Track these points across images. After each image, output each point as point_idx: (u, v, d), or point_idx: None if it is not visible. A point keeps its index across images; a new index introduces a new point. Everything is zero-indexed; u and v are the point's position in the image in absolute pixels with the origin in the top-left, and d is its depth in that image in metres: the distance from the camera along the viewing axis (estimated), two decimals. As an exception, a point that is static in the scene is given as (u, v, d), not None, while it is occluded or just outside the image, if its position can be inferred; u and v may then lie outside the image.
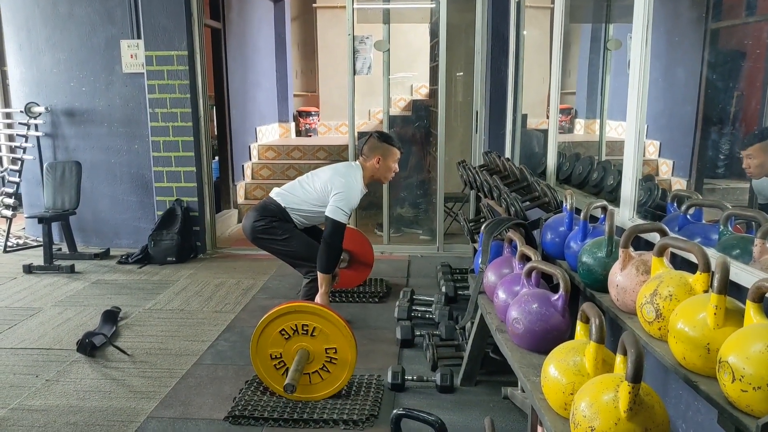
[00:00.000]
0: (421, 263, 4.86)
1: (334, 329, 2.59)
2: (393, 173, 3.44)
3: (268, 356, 2.63)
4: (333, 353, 2.60)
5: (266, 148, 7.28)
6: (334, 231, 3.18)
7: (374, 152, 3.36)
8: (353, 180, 3.30)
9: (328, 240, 3.18)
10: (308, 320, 2.59)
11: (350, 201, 3.24)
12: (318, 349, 2.60)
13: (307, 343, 2.60)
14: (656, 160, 3.92)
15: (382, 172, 3.39)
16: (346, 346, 2.60)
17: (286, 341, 2.61)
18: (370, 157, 3.37)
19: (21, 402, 2.67)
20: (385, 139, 3.42)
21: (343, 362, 2.61)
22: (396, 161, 3.43)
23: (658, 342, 1.68)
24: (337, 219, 3.18)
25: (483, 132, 5.00)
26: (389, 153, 3.38)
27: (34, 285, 4.33)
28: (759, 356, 1.27)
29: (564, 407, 1.55)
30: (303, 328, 2.59)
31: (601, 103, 4.32)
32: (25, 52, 5.32)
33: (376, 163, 3.36)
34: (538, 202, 2.89)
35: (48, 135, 5.31)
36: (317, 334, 2.59)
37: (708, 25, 3.64)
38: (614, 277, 1.94)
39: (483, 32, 4.92)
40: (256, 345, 2.62)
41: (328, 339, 2.59)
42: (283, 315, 2.59)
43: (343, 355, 2.60)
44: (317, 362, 2.61)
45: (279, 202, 3.34)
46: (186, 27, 4.84)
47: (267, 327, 2.60)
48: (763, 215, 2.01)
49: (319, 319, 2.59)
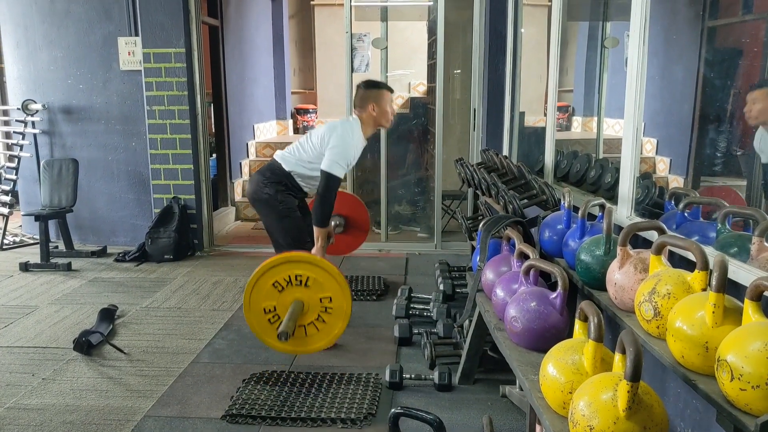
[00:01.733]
0: (419, 261, 4.86)
1: (328, 278, 2.55)
2: (392, 115, 3.40)
3: (262, 310, 2.58)
4: (328, 302, 2.56)
5: (264, 146, 7.26)
6: (329, 184, 3.13)
7: (367, 101, 3.32)
8: (349, 133, 3.24)
9: (322, 193, 3.13)
10: (302, 270, 2.54)
11: (346, 154, 3.19)
12: (313, 299, 2.55)
13: (301, 294, 2.56)
14: (653, 157, 3.92)
15: (380, 118, 3.34)
16: (340, 295, 2.55)
17: (279, 293, 2.56)
18: (364, 107, 3.32)
19: (17, 401, 2.66)
20: (373, 86, 3.37)
21: (338, 311, 2.57)
22: (390, 103, 3.37)
23: (656, 340, 1.67)
24: (332, 172, 3.13)
25: (481, 129, 5.00)
26: (381, 97, 3.33)
27: (31, 283, 4.31)
28: (757, 355, 1.26)
29: (563, 406, 1.54)
30: (297, 279, 2.54)
31: (599, 101, 4.32)
32: (22, 50, 5.30)
33: (372, 111, 3.31)
34: (536, 200, 2.89)
35: (45, 132, 5.29)
36: (311, 284, 2.54)
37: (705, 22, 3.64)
38: (612, 275, 1.93)
39: (481, 30, 4.91)
40: (249, 299, 2.58)
41: (323, 288, 2.55)
42: (276, 266, 2.56)
43: (338, 303, 2.56)
44: (312, 313, 2.57)
45: (284, 167, 3.30)
46: (183, 24, 4.82)
47: (260, 279, 2.56)
48: (761, 213, 2.01)
49: (313, 267, 2.55)
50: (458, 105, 5.58)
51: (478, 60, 4.96)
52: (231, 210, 6.38)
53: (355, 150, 3.28)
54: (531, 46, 4.77)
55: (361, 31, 5.35)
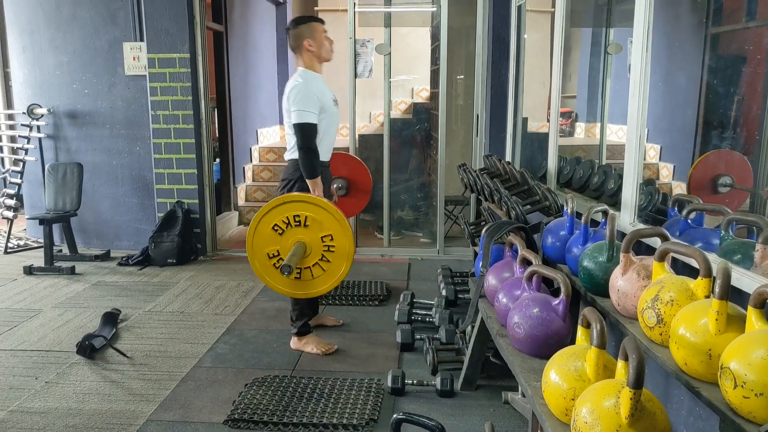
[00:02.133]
0: (422, 266, 4.86)
1: (328, 216, 2.54)
2: (329, 44, 3.25)
3: (266, 255, 2.57)
4: (329, 241, 2.54)
5: (267, 150, 7.28)
6: (304, 135, 3.00)
7: (300, 39, 3.17)
8: (300, 81, 3.09)
9: (302, 146, 3.00)
10: (300, 210, 2.53)
11: (309, 98, 3.03)
12: (314, 239, 2.54)
13: (302, 235, 2.55)
14: (657, 164, 3.91)
15: (319, 51, 3.19)
16: (341, 234, 2.54)
17: (281, 236, 2.55)
18: (300, 46, 3.18)
19: (20, 404, 2.67)
20: (300, 21, 3.24)
21: (341, 251, 2.56)
22: (323, 32, 3.22)
23: (659, 347, 1.67)
24: (301, 121, 2.99)
25: (484, 135, 5.00)
26: (312, 29, 3.19)
27: (35, 286, 4.33)
28: (761, 362, 1.26)
29: (565, 413, 1.54)
30: (296, 220, 2.53)
31: (602, 107, 4.32)
32: (28, 54, 5.33)
33: (309, 47, 3.16)
34: (539, 206, 2.89)
35: (50, 136, 5.32)
36: (311, 224, 2.53)
37: (708, 29, 3.65)
38: (615, 282, 1.93)
39: (484, 36, 4.92)
40: (252, 244, 2.58)
41: (323, 227, 2.53)
42: (275, 207, 2.55)
43: (340, 243, 2.55)
44: (315, 254, 2.56)
45: (292, 159, 3.19)
46: (188, 30, 4.85)
47: (260, 223, 2.56)
48: (765, 220, 2.01)
49: (312, 207, 2.54)
50: (461, 110, 5.59)
51: (482, 66, 4.97)
52: (234, 214, 6.39)
53: (317, 91, 3.10)
54: (534, 52, 4.78)
55: (364, 36, 5.36)
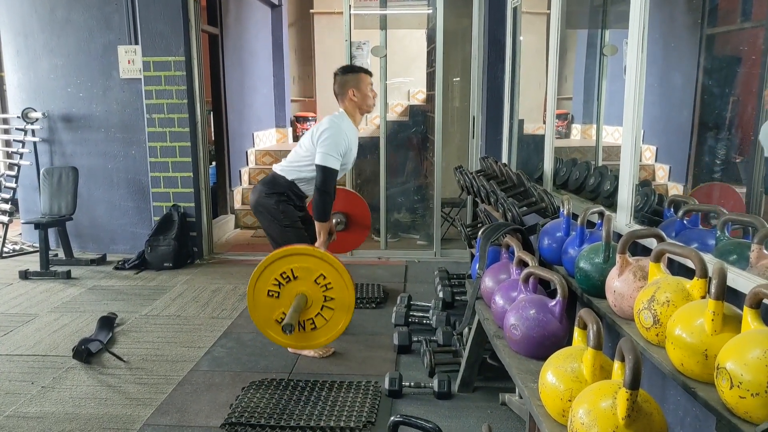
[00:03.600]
0: (419, 269, 4.86)
1: (331, 270, 2.55)
2: (373, 97, 3.36)
3: (266, 306, 2.60)
4: (324, 281, 2.56)
5: (263, 153, 7.27)
6: (325, 177, 3.11)
7: (345, 87, 3.29)
8: (336, 124, 3.21)
9: (320, 187, 3.11)
10: (303, 263, 2.55)
11: (338, 144, 3.16)
12: (316, 292, 2.56)
13: (304, 288, 2.57)
14: (653, 165, 3.92)
15: (361, 102, 3.30)
16: (343, 287, 2.56)
17: (282, 288, 2.57)
18: (344, 93, 3.29)
19: (16, 409, 2.65)
20: (349, 70, 3.35)
21: (341, 304, 2.58)
22: (369, 84, 3.33)
23: (656, 348, 1.67)
24: (326, 165, 3.11)
25: (480, 137, 5.01)
26: (359, 80, 3.30)
27: (31, 291, 4.31)
28: (757, 362, 1.26)
29: (562, 414, 1.54)
30: (284, 277, 2.56)
31: (598, 108, 4.33)
32: (22, 58, 5.32)
33: (353, 96, 3.28)
34: (535, 208, 2.89)
35: (45, 140, 5.30)
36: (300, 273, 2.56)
37: (704, 30, 3.66)
38: (612, 283, 1.93)
39: (479, 38, 4.93)
40: (253, 296, 2.59)
41: (311, 271, 2.56)
42: (277, 260, 2.57)
43: (341, 296, 2.57)
44: (316, 306, 2.57)
45: (287, 177, 3.28)
46: (183, 33, 4.84)
47: (262, 274, 2.57)
48: (760, 220, 2.01)
49: (315, 260, 2.55)
50: (457, 113, 5.60)
51: (477, 68, 4.98)
52: (230, 218, 6.38)
53: (346, 140, 3.23)
54: (530, 54, 4.79)
55: (360, 39, 5.37)
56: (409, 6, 6.33)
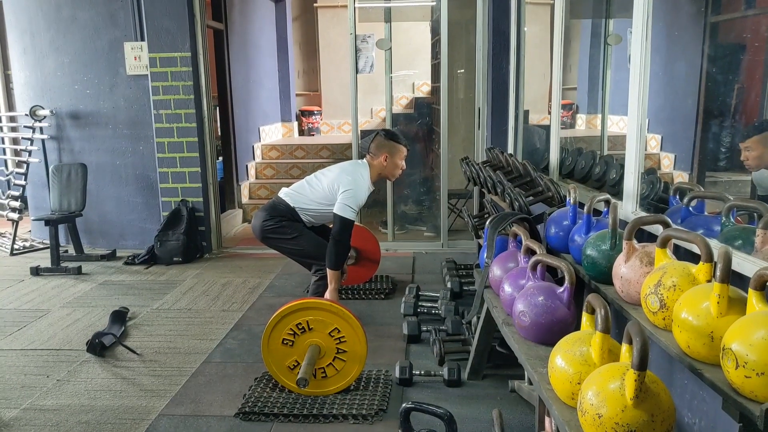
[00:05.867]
0: (426, 260, 4.89)
1: (343, 322, 2.62)
2: (400, 170, 3.48)
3: (287, 368, 2.66)
4: (338, 334, 2.62)
5: (270, 148, 7.31)
6: (342, 228, 3.22)
7: (381, 150, 3.40)
8: (360, 178, 3.33)
9: (336, 237, 3.21)
10: (315, 316, 2.62)
11: (358, 198, 3.27)
12: (325, 339, 2.63)
13: (317, 338, 2.63)
14: (658, 154, 3.93)
15: (389, 170, 3.42)
16: (355, 338, 2.62)
17: (297, 338, 2.64)
18: (377, 155, 3.40)
19: (33, 402, 2.71)
20: (391, 137, 3.45)
21: (353, 354, 2.64)
22: (403, 158, 3.46)
23: (662, 332, 1.70)
24: (346, 216, 3.21)
25: (486, 128, 5.02)
26: (396, 151, 3.41)
27: (42, 287, 4.37)
28: (762, 343, 1.29)
29: (571, 397, 1.57)
30: (299, 328, 2.63)
31: (603, 98, 4.34)
32: (29, 56, 5.36)
33: (384, 161, 3.39)
34: (542, 197, 2.91)
35: (53, 138, 5.35)
36: (314, 326, 2.62)
37: (708, 18, 3.66)
38: (618, 269, 1.96)
39: (484, 29, 4.93)
40: (267, 347, 2.65)
41: (326, 324, 2.61)
42: (290, 314, 2.62)
43: (353, 346, 2.63)
44: (329, 356, 2.64)
45: (288, 202, 3.37)
46: (189, 28, 4.87)
47: (276, 326, 2.63)
48: (765, 206, 2.03)
49: (327, 313, 2.62)
50: (462, 104, 5.61)
51: (482, 59, 4.98)
52: (238, 212, 6.43)
53: (365, 193, 3.35)
54: (534, 45, 4.79)
55: (365, 32, 5.38)
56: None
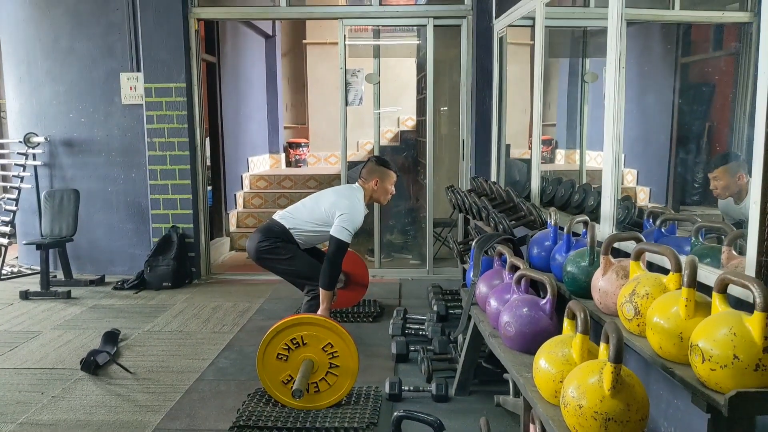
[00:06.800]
0: (412, 286, 5.01)
1: (336, 337, 2.71)
2: (390, 195, 3.65)
3: (281, 383, 2.75)
4: (331, 348, 2.72)
5: (258, 178, 7.44)
6: (337, 250, 3.34)
7: (372, 175, 3.57)
8: (357, 202, 3.48)
9: (331, 258, 3.33)
10: (309, 331, 2.71)
11: (354, 221, 3.41)
12: (318, 354, 2.72)
13: (310, 353, 2.73)
14: (634, 188, 4.13)
15: (379, 194, 3.59)
16: (347, 354, 2.72)
17: (286, 362, 2.74)
18: (368, 179, 3.57)
19: (29, 417, 2.74)
20: (382, 163, 3.63)
21: (345, 369, 2.73)
22: (392, 184, 3.63)
23: (637, 338, 1.84)
24: (342, 238, 3.34)
25: (470, 159, 5.22)
26: (386, 176, 3.58)
27: (32, 310, 4.39)
28: (724, 338, 1.44)
29: (554, 395, 1.69)
30: (293, 342, 2.72)
31: (581, 133, 4.56)
32: (24, 85, 5.47)
33: (375, 185, 3.56)
34: (524, 221, 3.08)
35: (45, 164, 5.43)
36: (309, 341, 2.72)
37: (678, 59, 3.92)
38: (596, 282, 2.11)
39: (468, 66, 5.18)
40: (262, 361, 2.74)
41: (320, 339, 2.71)
42: (285, 329, 2.72)
43: (346, 362, 2.72)
44: (321, 371, 2.73)
45: (283, 224, 3.49)
46: (184, 60, 5.04)
47: (272, 341, 2.73)
48: (730, 227, 2.22)
49: (320, 328, 2.72)
50: (445, 140, 5.81)
51: (466, 93, 5.21)
52: (226, 240, 6.51)
53: (361, 216, 3.49)
54: (515, 83, 5.04)
55: (354, 66, 5.59)
56: (399, 37, 6.63)
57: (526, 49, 5.13)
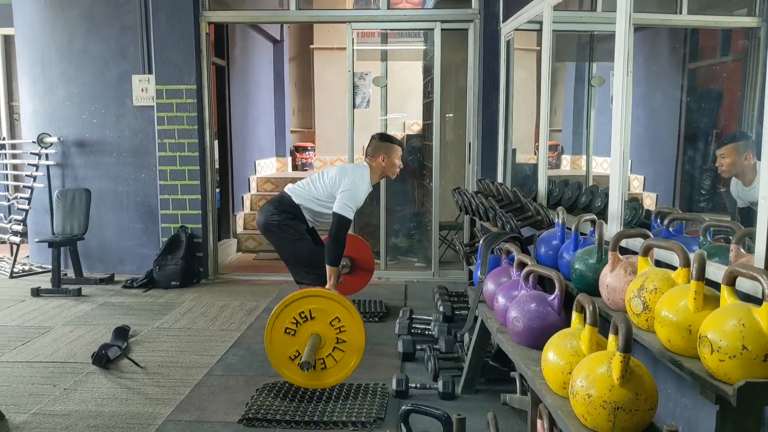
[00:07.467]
0: (418, 288, 5.03)
1: (344, 311, 2.75)
2: (398, 168, 3.71)
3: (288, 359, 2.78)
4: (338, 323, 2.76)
5: (265, 180, 7.49)
6: (340, 226, 3.40)
7: (378, 152, 3.63)
8: (359, 178, 3.52)
9: (334, 235, 3.39)
10: (317, 305, 2.76)
11: (356, 198, 3.46)
12: (326, 329, 2.76)
13: (318, 328, 2.76)
14: (641, 194, 4.16)
15: (388, 169, 3.66)
16: (355, 329, 2.75)
17: (299, 327, 2.77)
18: (375, 156, 3.63)
19: (41, 408, 2.78)
20: (386, 139, 3.70)
21: (352, 345, 2.78)
22: (399, 157, 3.69)
23: (645, 333, 1.86)
24: (344, 214, 3.40)
25: (476, 162, 5.25)
26: (392, 150, 3.65)
27: (43, 306, 4.44)
28: (733, 329, 1.46)
29: (563, 386, 1.71)
30: (302, 316, 2.76)
31: (587, 138, 4.58)
32: (38, 86, 5.54)
33: (382, 161, 3.62)
34: (532, 221, 3.10)
35: (58, 164, 5.49)
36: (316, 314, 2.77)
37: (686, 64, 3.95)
38: (604, 279, 2.13)
39: (475, 69, 5.21)
40: (270, 335, 2.77)
41: (327, 313, 2.76)
42: (294, 301, 2.77)
43: (353, 337, 2.77)
44: (328, 346, 2.76)
45: (293, 199, 3.54)
46: (195, 62, 5.10)
47: (280, 314, 2.76)
48: (738, 225, 2.24)
49: (328, 301, 2.77)
50: (451, 144, 5.84)
51: (473, 96, 5.25)
52: (233, 242, 6.55)
53: (363, 194, 3.56)
54: (521, 88, 5.07)
55: (362, 70, 5.65)
56: (406, 42, 6.68)
57: (532, 55, 5.17)
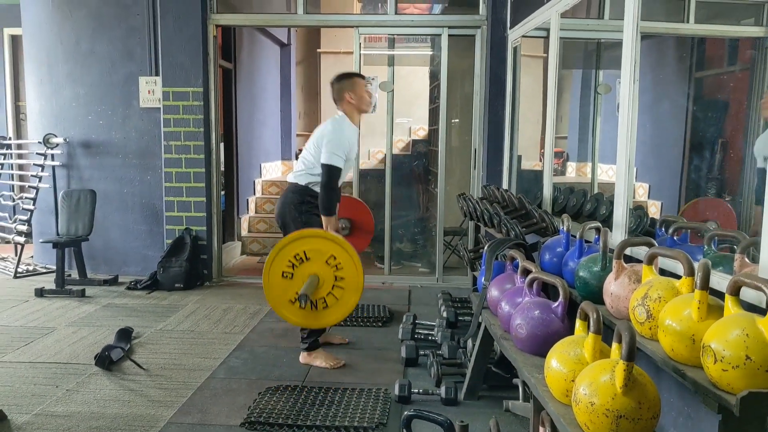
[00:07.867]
0: (422, 293, 5.03)
1: (340, 251, 2.75)
2: (370, 97, 3.60)
3: (288, 303, 2.78)
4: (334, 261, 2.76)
5: (270, 184, 7.51)
6: (329, 175, 3.32)
7: (342, 92, 3.52)
8: (338, 126, 3.44)
9: (325, 184, 3.31)
10: (314, 245, 2.76)
11: (342, 144, 3.37)
12: (322, 268, 2.75)
13: (316, 269, 2.75)
14: (646, 201, 4.15)
15: (359, 103, 3.53)
16: (353, 268, 2.74)
17: (292, 280, 2.77)
18: (342, 98, 3.53)
19: (44, 408, 2.78)
20: (344, 77, 3.58)
21: (351, 284, 2.78)
22: (364, 87, 3.57)
23: (649, 341, 1.86)
24: (331, 163, 3.32)
25: (482, 168, 5.25)
26: (354, 84, 3.53)
27: (47, 307, 4.45)
28: (737, 339, 1.46)
29: (566, 394, 1.71)
30: (297, 258, 2.75)
31: (593, 145, 4.58)
32: (45, 87, 5.58)
33: (350, 99, 3.51)
34: (536, 227, 3.10)
35: (63, 165, 5.52)
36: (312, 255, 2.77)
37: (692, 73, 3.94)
38: (609, 287, 2.13)
39: (481, 75, 5.22)
40: (268, 274, 2.77)
41: (322, 252, 2.75)
42: (292, 242, 2.76)
43: (351, 276, 2.76)
44: (327, 286, 2.75)
45: (299, 183, 3.46)
46: (202, 65, 5.12)
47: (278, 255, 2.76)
48: (743, 234, 2.23)
49: (325, 242, 2.76)
50: (456, 150, 5.84)
51: (479, 102, 5.25)
52: (237, 244, 6.56)
53: (349, 140, 3.46)
54: (527, 95, 5.07)
55: (369, 74, 5.66)
56: (414, 47, 6.70)
57: (539, 62, 5.17)
